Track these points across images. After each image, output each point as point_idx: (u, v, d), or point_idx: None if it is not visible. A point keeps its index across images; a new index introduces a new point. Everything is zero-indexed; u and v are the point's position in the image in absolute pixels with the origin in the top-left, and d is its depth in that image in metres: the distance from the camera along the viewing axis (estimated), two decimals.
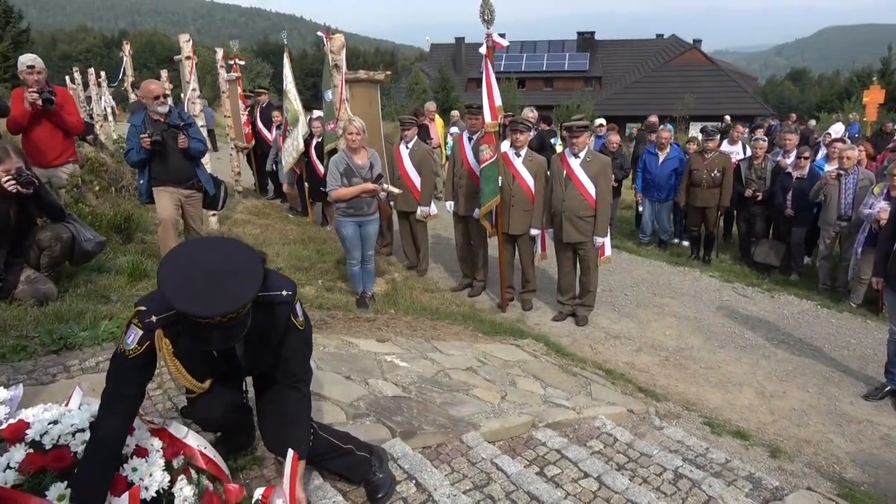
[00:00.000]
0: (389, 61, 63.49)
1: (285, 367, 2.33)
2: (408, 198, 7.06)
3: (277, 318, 2.19)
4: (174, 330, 2.03)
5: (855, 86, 37.83)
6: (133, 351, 2.00)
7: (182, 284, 1.82)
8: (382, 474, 2.63)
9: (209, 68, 17.77)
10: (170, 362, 2.07)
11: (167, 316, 1.99)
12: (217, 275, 1.86)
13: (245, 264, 1.93)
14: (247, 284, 1.89)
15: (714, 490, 3.12)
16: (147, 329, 2.00)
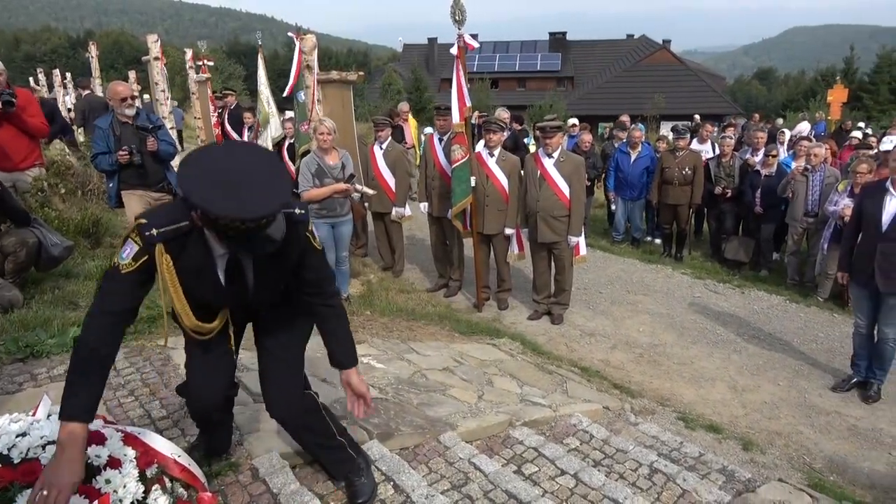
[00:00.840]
0: (362, 62, 63.17)
1: (317, 288, 2.26)
2: (382, 199, 7.04)
3: (296, 236, 2.06)
4: (177, 247, 1.90)
5: (819, 85, 38.74)
6: (127, 266, 1.89)
7: (213, 188, 1.69)
8: (366, 479, 2.61)
9: (178, 69, 17.54)
10: (169, 282, 1.94)
11: (170, 230, 1.88)
12: (248, 175, 1.74)
13: (271, 164, 1.83)
14: (280, 184, 1.79)
15: (688, 484, 3.17)
16: (147, 243, 1.87)
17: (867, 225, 4.58)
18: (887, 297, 4.53)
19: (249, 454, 2.68)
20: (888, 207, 4.43)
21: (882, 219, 4.45)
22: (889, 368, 4.78)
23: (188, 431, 2.82)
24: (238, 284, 2.09)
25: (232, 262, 2.04)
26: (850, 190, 6.26)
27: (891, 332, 4.61)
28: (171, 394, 3.13)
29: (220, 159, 1.79)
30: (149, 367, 3.41)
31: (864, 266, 4.57)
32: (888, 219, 4.42)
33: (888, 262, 4.41)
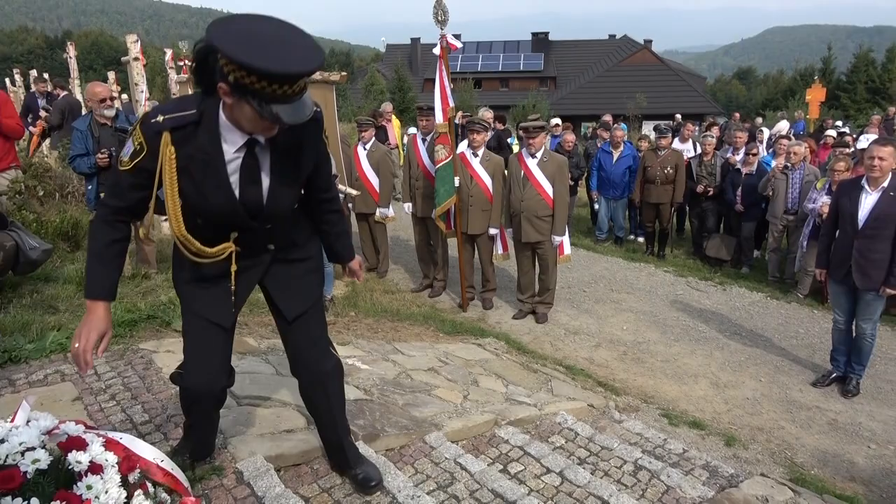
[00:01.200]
0: (345, 62, 62.97)
1: (328, 193, 2.28)
2: (367, 199, 7.02)
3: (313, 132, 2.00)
4: (183, 138, 1.80)
5: (798, 84, 39.28)
6: (125, 165, 1.85)
7: (254, 45, 1.57)
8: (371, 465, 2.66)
9: (159, 70, 17.37)
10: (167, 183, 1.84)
11: (177, 116, 1.78)
12: (283, 35, 1.65)
13: (297, 28, 1.71)
14: (315, 43, 1.68)
15: (672, 480, 3.20)
16: (152, 130, 1.79)
17: (844, 222, 4.66)
18: (864, 293, 4.60)
19: (233, 457, 2.66)
20: (864, 205, 4.51)
21: (858, 216, 4.52)
22: (867, 363, 4.86)
23: (171, 435, 2.79)
24: (251, 189, 1.96)
25: (246, 161, 1.91)
26: (829, 187, 6.35)
27: (868, 328, 4.68)
28: (153, 397, 3.10)
29: (251, 22, 1.68)
30: (130, 371, 3.37)
31: (842, 263, 4.64)
32: (864, 216, 4.49)
33: (865, 259, 4.48)
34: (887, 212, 4.39)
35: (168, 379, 3.26)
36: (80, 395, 3.09)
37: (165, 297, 4.46)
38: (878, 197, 4.46)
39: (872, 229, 4.44)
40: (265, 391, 3.34)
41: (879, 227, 4.42)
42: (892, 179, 4.44)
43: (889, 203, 4.40)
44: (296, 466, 2.77)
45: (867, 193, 4.50)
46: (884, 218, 4.40)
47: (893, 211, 4.38)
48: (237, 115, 1.79)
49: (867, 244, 4.46)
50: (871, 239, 4.44)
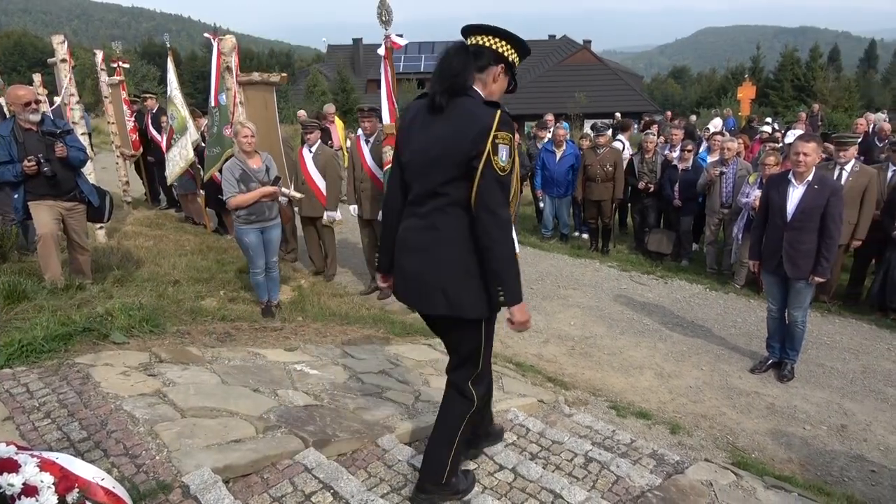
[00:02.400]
0: (285, 63, 61.87)
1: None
2: (313, 203, 6.92)
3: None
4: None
5: (730, 83, 40.91)
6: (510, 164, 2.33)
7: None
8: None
9: (89, 72, 16.69)
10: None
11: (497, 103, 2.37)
12: None
13: None
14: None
15: (622, 470, 3.27)
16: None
17: (773, 215, 4.82)
18: (795, 283, 4.81)
19: (178, 472, 2.57)
20: (792, 198, 4.68)
21: (787, 209, 4.69)
22: (800, 348, 5.09)
23: (111, 452, 2.68)
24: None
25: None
26: (760, 181, 6.62)
27: (799, 315, 4.90)
28: (91, 413, 2.97)
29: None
30: (66, 388, 3.21)
31: (773, 254, 4.84)
32: (792, 209, 4.66)
33: (794, 250, 4.69)
34: (812, 204, 4.55)
35: (106, 394, 3.14)
36: (10, 414, 2.93)
37: (102, 309, 4.28)
38: (803, 190, 4.62)
39: (800, 221, 4.61)
40: (210, 401, 3.25)
41: (806, 219, 4.58)
42: (816, 173, 4.63)
43: (814, 196, 4.56)
44: (245, 477, 2.70)
45: (794, 187, 4.67)
46: (809, 210, 4.56)
47: (818, 203, 4.53)
48: (496, 90, 2.43)
49: (796, 236, 4.63)
50: (799, 231, 4.61)
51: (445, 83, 2.32)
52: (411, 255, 2.45)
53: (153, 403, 3.12)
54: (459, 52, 2.34)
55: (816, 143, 4.54)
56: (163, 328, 4.35)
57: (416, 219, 2.42)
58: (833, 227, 4.54)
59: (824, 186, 4.57)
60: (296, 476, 2.75)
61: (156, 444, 2.75)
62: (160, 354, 3.81)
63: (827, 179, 4.70)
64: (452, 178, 2.29)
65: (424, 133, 2.37)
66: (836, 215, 4.52)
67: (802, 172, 4.60)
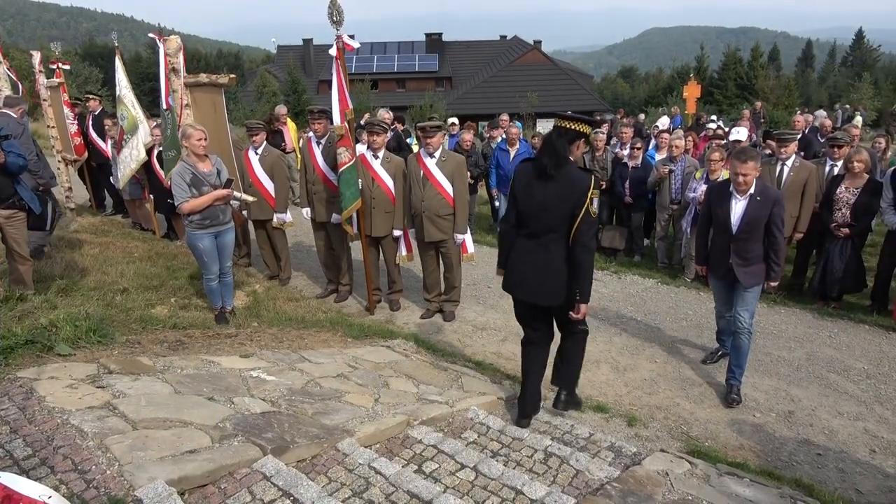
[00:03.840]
0: (234, 64, 60.69)
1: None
2: (262, 206, 6.80)
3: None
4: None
5: (676, 82, 42.04)
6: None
7: None
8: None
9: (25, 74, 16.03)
10: None
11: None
12: None
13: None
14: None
15: (581, 463, 3.32)
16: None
17: (718, 225, 4.76)
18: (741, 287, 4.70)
19: (131, 486, 2.49)
20: (735, 210, 4.60)
21: (731, 221, 4.61)
22: (745, 365, 4.80)
23: (58, 469, 2.58)
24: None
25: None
26: (706, 177, 6.81)
27: (746, 317, 4.68)
28: (36, 429, 2.85)
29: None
30: (7, 403, 3.08)
31: (721, 262, 4.77)
32: (737, 221, 4.58)
33: (744, 260, 4.61)
34: (756, 216, 4.51)
35: (52, 408, 3.02)
36: None
37: (45, 320, 4.12)
38: (746, 203, 4.54)
39: (746, 233, 4.56)
40: (163, 412, 3.16)
41: (751, 230, 4.55)
42: (757, 184, 4.56)
43: (757, 207, 4.50)
44: (201, 488, 2.64)
45: (736, 200, 4.59)
46: (754, 222, 4.52)
47: (762, 214, 4.50)
48: (579, 155, 3.65)
49: (743, 246, 4.59)
50: (746, 241, 4.58)
51: (553, 160, 3.48)
52: (533, 266, 3.64)
53: (103, 416, 3.02)
54: (559, 137, 3.52)
55: (754, 162, 4.46)
56: (111, 338, 4.21)
57: (534, 243, 3.63)
58: (778, 234, 4.53)
59: (766, 197, 4.51)
60: (254, 485, 2.71)
61: (106, 459, 2.66)
62: (109, 366, 3.69)
63: (769, 190, 4.61)
64: (562, 221, 3.50)
65: (542, 192, 3.53)
66: (779, 222, 4.51)
67: (744, 190, 4.56)
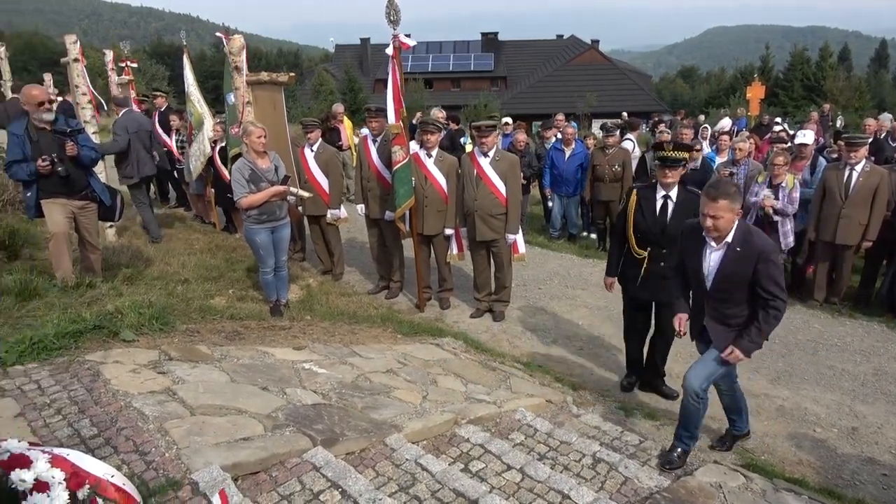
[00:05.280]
0: (293, 63, 62.07)
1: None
2: (317, 202, 6.94)
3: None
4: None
5: (739, 82, 40.72)
6: None
7: None
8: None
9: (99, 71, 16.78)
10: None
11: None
12: None
13: None
14: None
15: (630, 471, 3.26)
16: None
17: (692, 275, 3.70)
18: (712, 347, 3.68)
19: (188, 469, 2.59)
20: (709, 261, 3.52)
21: (704, 272, 3.56)
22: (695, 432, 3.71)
23: (121, 449, 2.70)
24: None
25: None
26: (769, 181, 6.59)
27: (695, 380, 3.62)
28: (101, 410, 2.99)
29: None
30: (77, 385, 3.24)
31: (697, 319, 3.78)
32: (711, 275, 3.52)
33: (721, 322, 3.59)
34: (734, 271, 3.40)
35: (116, 391, 3.16)
36: (22, 410, 2.95)
37: (112, 306, 4.31)
38: (722, 254, 3.45)
39: (722, 292, 3.50)
40: (219, 399, 3.27)
41: (730, 288, 3.47)
42: (739, 231, 3.41)
43: (736, 261, 3.39)
44: (254, 475, 2.71)
45: (710, 248, 3.49)
46: (732, 279, 3.43)
47: (743, 271, 3.37)
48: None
49: (720, 307, 3.56)
50: (724, 302, 3.52)
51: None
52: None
53: (163, 401, 3.14)
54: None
55: (728, 201, 3.30)
56: (172, 326, 4.37)
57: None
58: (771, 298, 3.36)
59: (749, 249, 3.34)
60: (304, 474, 2.76)
61: (165, 442, 2.77)
62: (170, 352, 3.83)
63: (753, 241, 3.37)
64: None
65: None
66: (769, 283, 3.33)
67: (717, 237, 3.43)
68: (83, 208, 5.22)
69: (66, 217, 5.09)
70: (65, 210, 5.07)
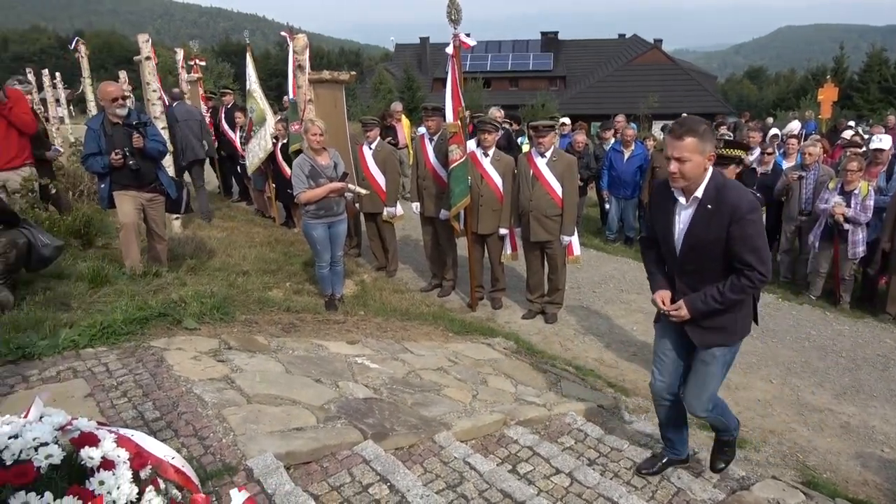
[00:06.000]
0: (354, 61, 63.05)
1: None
2: (374, 199, 7.03)
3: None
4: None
5: (810, 84, 39.01)
6: None
7: None
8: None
9: (169, 69, 17.46)
10: None
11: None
12: None
13: None
14: None
15: (683, 482, 3.18)
16: None
17: (661, 241, 3.04)
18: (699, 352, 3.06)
19: (244, 455, 2.67)
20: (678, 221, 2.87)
21: (673, 237, 2.89)
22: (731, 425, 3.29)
23: (181, 433, 2.80)
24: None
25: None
26: (841, 188, 6.30)
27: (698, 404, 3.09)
28: (164, 395, 3.12)
29: None
30: (142, 369, 3.38)
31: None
32: (679, 239, 2.87)
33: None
34: (704, 235, 2.75)
35: (178, 377, 3.28)
36: (91, 391, 3.11)
37: (176, 295, 4.48)
38: (692, 212, 2.80)
39: (693, 262, 2.86)
40: (275, 389, 3.36)
41: (701, 258, 2.82)
42: (708, 186, 2.74)
43: (706, 221, 2.73)
44: (306, 464, 2.77)
45: (681, 206, 2.85)
46: (702, 245, 2.78)
47: (713, 235, 2.72)
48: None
49: (692, 283, 2.91)
50: (695, 276, 2.88)
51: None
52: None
53: (221, 388, 3.25)
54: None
55: (697, 139, 2.66)
56: (232, 316, 4.51)
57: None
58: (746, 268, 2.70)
59: (722, 206, 2.69)
60: (354, 467, 2.81)
61: (223, 428, 2.86)
62: (229, 342, 3.96)
63: (726, 196, 2.70)
64: None
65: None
66: (746, 248, 2.67)
67: (682, 187, 2.80)
68: (151, 200, 5.44)
69: (136, 208, 5.32)
70: (134, 202, 5.30)
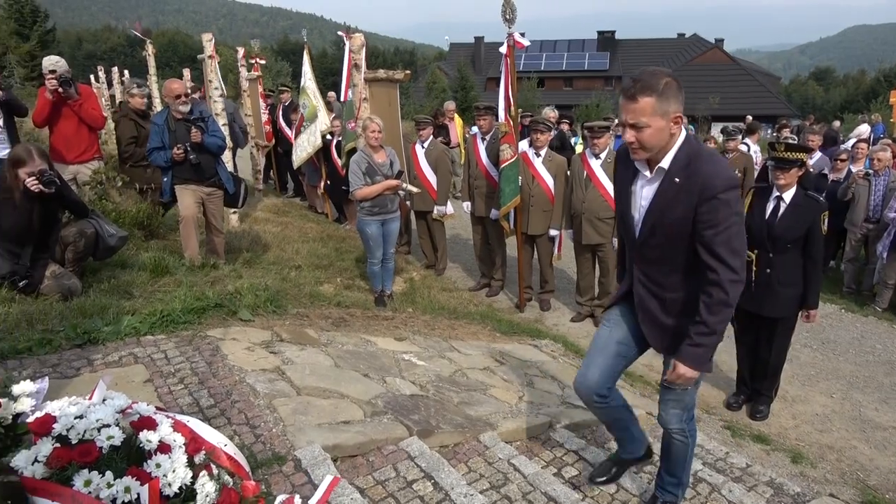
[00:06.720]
0: (409, 60, 63.60)
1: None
2: (425, 197, 7.07)
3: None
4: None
5: (881, 86, 37.24)
6: None
7: None
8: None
9: (231, 67, 17.93)
10: None
11: None
12: None
13: None
14: None
15: (734, 495, 3.09)
16: None
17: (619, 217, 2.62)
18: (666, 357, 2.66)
19: (292, 445, 2.73)
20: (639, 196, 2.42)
21: (633, 214, 2.46)
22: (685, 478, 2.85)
23: (234, 420, 2.88)
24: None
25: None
26: None
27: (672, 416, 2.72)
28: (218, 383, 3.21)
29: None
30: (198, 357, 3.50)
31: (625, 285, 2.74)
32: (639, 218, 2.43)
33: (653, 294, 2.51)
34: (669, 212, 2.29)
35: (232, 366, 3.38)
36: (150, 377, 3.23)
37: (232, 287, 4.61)
38: (655, 187, 2.34)
39: (653, 247, 2.40)
40: (324, 382, 3.42)
41: (663, 243, 2.36)
42: (678, 155, 2.28)
43: (672, 197, 2.28)
44: (352, 458, 2.81)
45: (643, 180, 2.39)
46: (664, 223, 2.32)
47: (680, 213, 2.26)
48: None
49: (651, 271, 2.47)
50: (655, 264, 2.44)
51: None
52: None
53: (273, 379, 3.33)
54: None
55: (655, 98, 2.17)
56: (284, 309, 4.61)
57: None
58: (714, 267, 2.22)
59: (692, 179, 2.23)
60: (399, 462, 2.83)
61: (273, 418, 2.93)
62: (281, 334, 4.05)
63: (698, 168, 2.23)
64: None
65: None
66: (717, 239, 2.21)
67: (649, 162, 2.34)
68: (211, 194, 5.61)
69: (196, 202, 5.50)
70: (194, 195, 5.48)
